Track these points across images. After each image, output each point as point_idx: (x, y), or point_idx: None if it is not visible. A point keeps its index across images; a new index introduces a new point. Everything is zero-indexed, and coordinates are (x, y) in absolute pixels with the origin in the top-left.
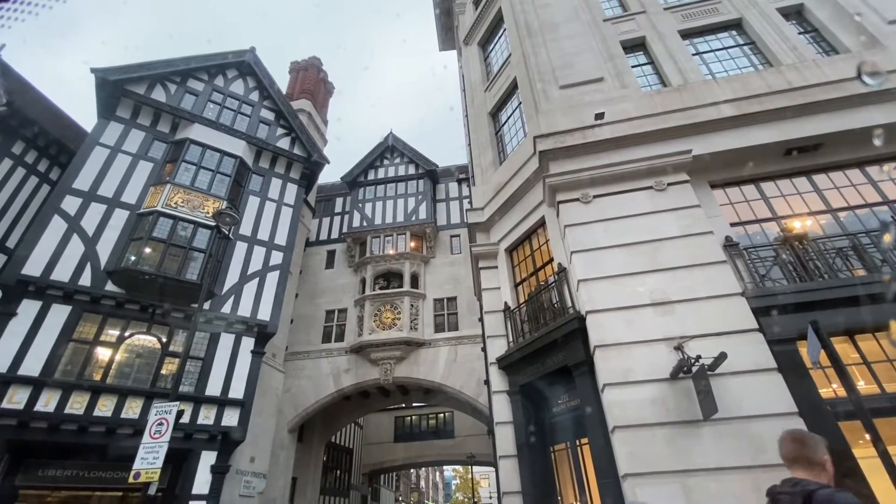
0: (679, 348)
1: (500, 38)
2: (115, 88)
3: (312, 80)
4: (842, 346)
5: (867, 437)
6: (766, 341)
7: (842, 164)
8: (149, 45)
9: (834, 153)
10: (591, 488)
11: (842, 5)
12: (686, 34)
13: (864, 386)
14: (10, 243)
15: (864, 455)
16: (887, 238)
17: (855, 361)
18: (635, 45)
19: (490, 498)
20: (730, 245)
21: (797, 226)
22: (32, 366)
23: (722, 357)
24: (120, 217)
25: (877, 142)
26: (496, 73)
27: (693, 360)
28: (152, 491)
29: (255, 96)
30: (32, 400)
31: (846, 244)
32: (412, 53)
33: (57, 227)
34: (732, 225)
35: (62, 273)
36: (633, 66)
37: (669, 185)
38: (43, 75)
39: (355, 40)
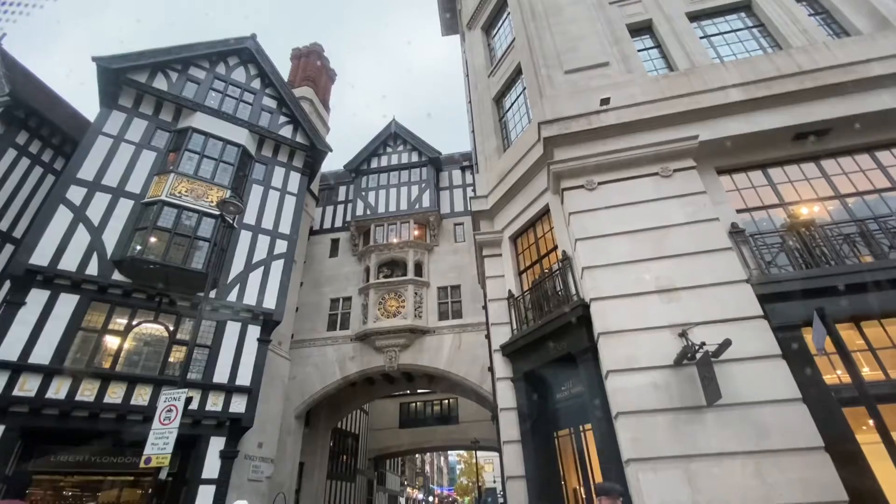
0: (683, 335)
1: (503, 22)
2: (116, 77)
3: (314, 67)
4: (847, 333)
5: (871, 422)
6: (771, 328)
7: (851, 149)
8: (138, 39)
9: (843, 138)
10: (593, 473)
11: None
12: (694, 16)
13: (868, 372)
14: (17, 233)
15: (867, 441)
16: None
17: (860, 348)
18: (642, 29)
19: (494, 482)
20: (736, 232)
21: (804, 212)
22: (43, 354)
23: (726, 344)
24: (125, 206)
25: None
26: (500, 58)
27: (697, 347)
28: (163, 475)
29: (256, 84)
30: (44, 387)
31: (854, 230)
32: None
33: (63, 216)
34: (738, 211)
35: (69, 262)
36: (639, 50)
37: (675, 171)
38: (43, 70)
39: (356, 26)
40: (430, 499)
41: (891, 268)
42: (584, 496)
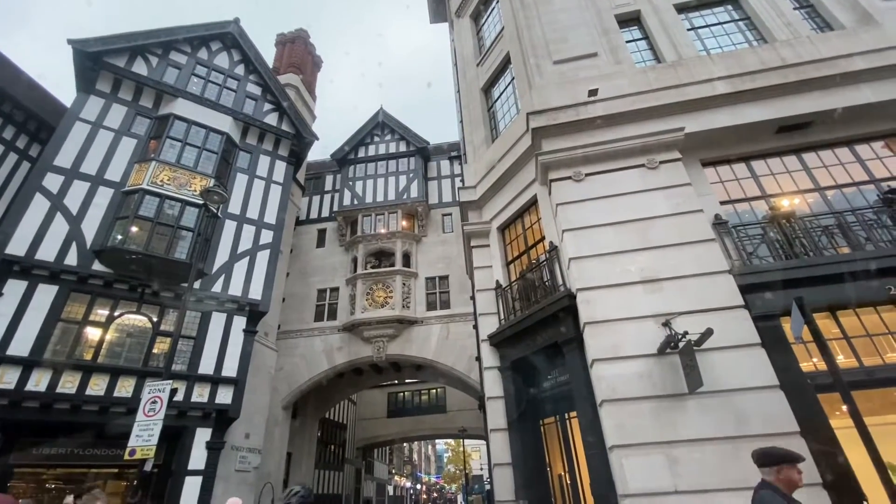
0: (667, 324)
1: (492, 9)
2: (93, 61)
3: (300, 54)
4: (823, 322)
5: (844, 408)
6: (752, 317)
7: (831, 143)
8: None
9: (824, 131)
10: (579, 460)
11: None
12: (682, 8)
13: (843, 360)
14: None
15: (841, 426)
16: None
17: (835, 336)
18: (630, 20)
19: (481, 469)
20: (719, 223)
21: (785, 204)
22: (21, 346)
23: (708, 333)
24: (104, 195)
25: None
26: (489, 47)
27: (680, 336)
28: (148, 467)
29: (240, 70)
30: (23, 380)
31: (832, 222)
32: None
33: (40, 205)
34: (722, 203)
35: (47, 252)
36: (627, 41)
37: (661, 163)
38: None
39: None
40: (419, 486)
41: (866, 259)
42: (568, 482)
